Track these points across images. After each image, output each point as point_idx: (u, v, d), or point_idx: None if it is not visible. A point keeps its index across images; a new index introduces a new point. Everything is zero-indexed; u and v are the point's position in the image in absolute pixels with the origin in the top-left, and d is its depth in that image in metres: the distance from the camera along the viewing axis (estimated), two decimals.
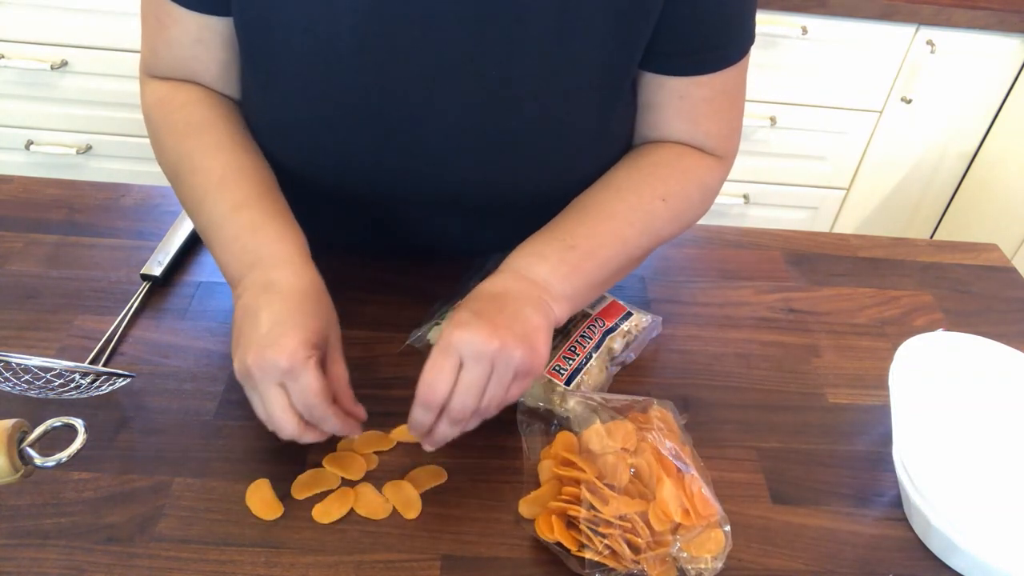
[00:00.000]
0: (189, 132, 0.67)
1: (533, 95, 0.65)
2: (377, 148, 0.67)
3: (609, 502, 0.58)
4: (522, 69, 0.63)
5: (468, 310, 0.57)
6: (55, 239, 0.81)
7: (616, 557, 0.56)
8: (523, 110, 0.65)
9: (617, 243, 0.66)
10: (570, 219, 0.67)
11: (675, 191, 0.69)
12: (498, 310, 0.58)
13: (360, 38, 0.61)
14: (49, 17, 1.61)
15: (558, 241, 0.64)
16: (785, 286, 0.87)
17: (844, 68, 1.71)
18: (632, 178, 0.69)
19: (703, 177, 0.72)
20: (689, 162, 0.71)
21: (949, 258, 0.93)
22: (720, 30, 0.68)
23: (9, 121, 1.76)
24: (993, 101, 1.78)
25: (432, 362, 0.56)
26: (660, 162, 0.70)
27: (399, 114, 0.65)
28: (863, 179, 1.90)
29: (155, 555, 0.56)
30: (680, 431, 0.66)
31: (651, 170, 0.70)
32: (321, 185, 0.71)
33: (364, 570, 0.57)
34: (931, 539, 0.62)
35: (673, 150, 0.71)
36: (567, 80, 0.65)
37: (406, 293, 0.79)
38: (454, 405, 0.56)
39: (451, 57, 0.62)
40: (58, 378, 0.60)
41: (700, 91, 0.69)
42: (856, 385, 0.76)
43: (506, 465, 0.65)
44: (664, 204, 0.69)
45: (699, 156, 0.72)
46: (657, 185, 0.69)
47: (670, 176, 0.70)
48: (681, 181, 0.70)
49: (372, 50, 0.62)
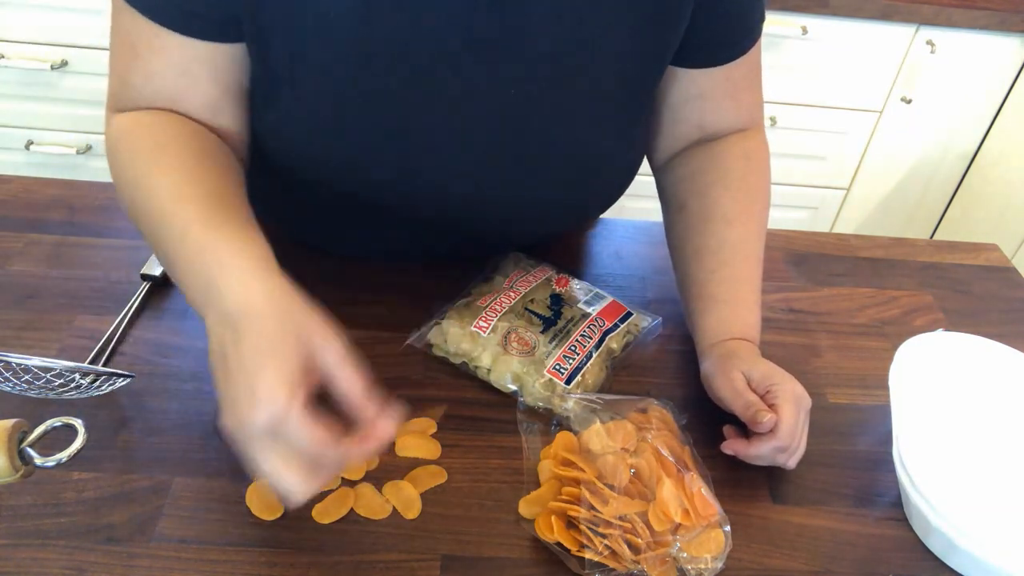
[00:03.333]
0: (151, 152, 0.60)
1: (556, 111, 0.66)
2: (397, 155, 0.66)
3: (609, 502, 0.58)
4: (543, 87, 0.64)
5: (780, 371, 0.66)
6: (55, 239, 0.81)
7: (616, 557, 0.56)
8: (547, 125, 0.66)
9: (758, 270, 0.74)
10: (717, 274, 0.72)
11: (764, 194, 0.77)
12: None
13: (388, 54, 0.60)
14: (49, 17, 1.61)
15: (732, 305, 0.71)
16: (785, 286, 0.86)
17: (844, 68, 1.71)
18: (738, 201, 0.74)
19: (765, 160, 0.78)
20: (756, 158, 0.77)
21: (949, 258, 0.93)
22: (748, 13, 0.71)
23: (9, 121, 1.76)
24: (993, 101, 1.78)
25: (790, 415, 0.62)
26: (745, 172, 0.76)
27: (422, 134, 0.65)
28: (863, 179, 1.90)
29: (155, 555, 0.56)
30: (680, 431, 0.66)
31: (745, 190, 0.75)
32: (338, 192, 0.70)
33: (364, 570, 0.57)
34: (931, 539, 0.62)
35: (739, 151, 0.76)
36: (590, 97, 0.67)
37: (406, 293, 0.79)
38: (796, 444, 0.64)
39: (475, 81, 0.62)
40: (58, 378, 0.60)
41: (739, 71, 0.74)
42: (856, 385, 0.76)
43: (506, 465, 0.65)
44: (765, 210, 0.76)
45: (754, 143, 0.77)
46: (757, 198, 0.76)
47: (758, 183, 0.76)
48: (761, 180, 0.77)
49: (395, 70, 0.61)
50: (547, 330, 0.71)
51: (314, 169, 0.68)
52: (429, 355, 0.72)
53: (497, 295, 0.74)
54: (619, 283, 0.84)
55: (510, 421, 0.68)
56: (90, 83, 1.69)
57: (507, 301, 0.73)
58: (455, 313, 0.72)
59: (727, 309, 0.71)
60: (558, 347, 0.70)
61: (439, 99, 0.63)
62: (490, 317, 0.71)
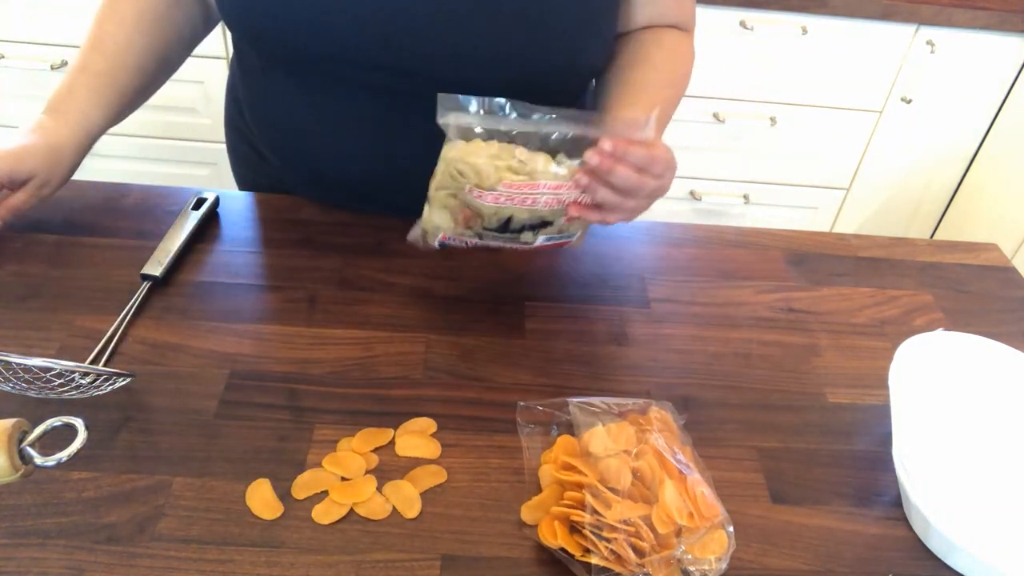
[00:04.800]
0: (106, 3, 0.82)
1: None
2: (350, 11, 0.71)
3: (612, 506, 0.57)
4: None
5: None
6: (55, 239, 0.81)
7: (621, 561, 0.56)
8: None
9: (670, 111, 0.82)
10: (636, 90, 0.79)
11: (685, 75, 0.86)
12: None
13: None
14: (49, 17, 1.61)
15: (641, 104, 0.76)
16: (785, 286, 0.87)
17: (844, 68, 1.71)
18: (667, 59, 0.83)
19: (691, 56, 0.87)
20: (684, 50, 0.86)
21: (949, 258, 0.93)
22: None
23: (9, 121, 1.76)
24: (993, 101, 1.78)
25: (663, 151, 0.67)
26: (675, 47, 0.84)
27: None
28: (863, 179, 1.90)
29: (155, 555, 0.56)
30: (679, 432, 0.66)
31: (673, 52, 0.84)
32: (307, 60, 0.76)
33: (364, 570, 0.57)
34: (931, 539, 0.62)
35: (674, 35, 0.85)
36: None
37: (406, 293, 0.79)
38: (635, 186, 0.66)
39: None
40: (58, 378, 0.60)
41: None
42: (856, 385, 0.76)
43: (506, 465, 0.65)
44: (683, 85, 0.85)
45: (687, 40, 0.87)
46: (680, 63, 0.85)
47: (684, 61, 0.86)
48: (686, 65, 0.86)
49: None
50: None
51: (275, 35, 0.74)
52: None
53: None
54: (619, 283, 0.84)
55: (510, 421, 0.68)
56: None
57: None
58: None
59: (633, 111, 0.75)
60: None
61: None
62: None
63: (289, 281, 0.79)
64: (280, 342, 0.73)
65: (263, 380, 0.69)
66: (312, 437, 0.65)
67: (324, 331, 0.74)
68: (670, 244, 0.90)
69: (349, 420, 0.66)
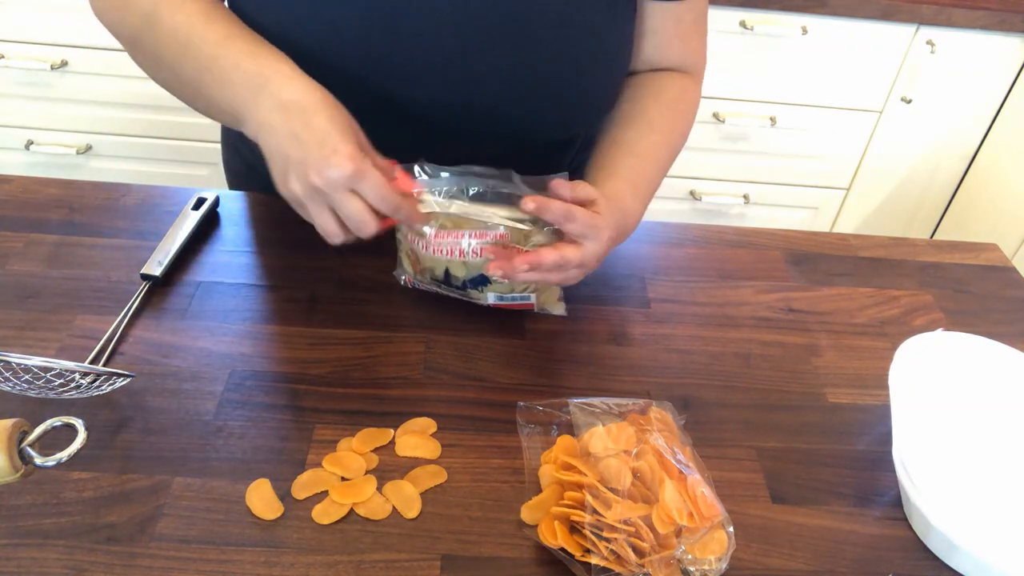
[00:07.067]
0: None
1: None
2: (377, 31, 0.68)
3: (612, 506, 0.57)
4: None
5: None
6: (55, 239, 0.81)
7: (621, 562, 0.56)
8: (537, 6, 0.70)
9: (660, 175, 0.78)
10: (623, 153, 0.76)
11: (686, 126, 0.82)
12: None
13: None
14: (49, 17, 1.61)
15: (626, 168, 0.74)
16: (785, 286, 0.87)
17: (844, 68, 1.71)
18: (665, 116, 0.80)
19: (695, 103, 0.84)
20: (688, 98, 0.83)
21: (949, 258, 0.93)
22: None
23: (9, 121, 1.76)
24: (993, 101, 1.78)
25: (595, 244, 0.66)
26: (678, 98, 0.82)
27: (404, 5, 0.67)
28: (863, 179, 1.90)
29: (155, 555, 0.56)
30: (679, 432, 0.66)
31: (673, 106, 0.81)
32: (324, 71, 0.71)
33: (364, 570, 0.57)
34: (931, 539, 0.62)
35: (678, 83, 0.82)
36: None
37: (406, 293, 0.79)
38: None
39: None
40: (58, 378, 0.60)
41: (689, 15, 0.81)
42: (856, 385, 0.76)
43: (506, 465, 0.65)
44: (682, 140, 0.82)
45: (693, 88, 0.83)
46: (678, 121, 0.81)
47: (685, 113, 0.82)
48: (688, 116, 0.83)
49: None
50: None
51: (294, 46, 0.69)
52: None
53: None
54: (619, 283, 0.84)
55: (510, 421, 0.68)
56: (90, 83, 1.69)
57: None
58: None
59: (622, 182, 0.73)
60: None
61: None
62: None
63: (289, 281, 0.79)
64: (280, 342, 0.73)
65: (263, 380, 0.69)
66: (312, 437, 0.65)
67: (324, 331, 0.74)
68: (670, 244, 0.90)
69: (349, 420, 0.66)
